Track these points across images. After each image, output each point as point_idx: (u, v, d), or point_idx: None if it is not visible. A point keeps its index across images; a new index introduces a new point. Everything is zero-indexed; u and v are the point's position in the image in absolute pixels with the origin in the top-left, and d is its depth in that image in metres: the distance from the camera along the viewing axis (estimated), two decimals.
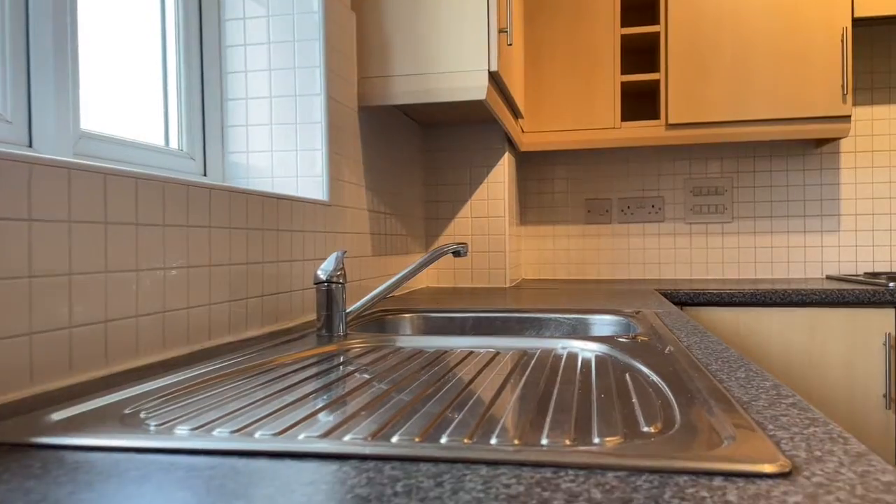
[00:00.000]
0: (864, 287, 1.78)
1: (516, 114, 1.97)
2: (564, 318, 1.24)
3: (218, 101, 1.34)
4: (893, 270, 2.19)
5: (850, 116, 1.97)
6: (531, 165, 2.45)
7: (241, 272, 1.00)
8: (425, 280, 2.08)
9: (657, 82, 2.14)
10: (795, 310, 1.75)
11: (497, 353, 0.86)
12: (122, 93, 1.15)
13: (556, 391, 0.64)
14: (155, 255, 0.82)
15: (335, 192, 1.34)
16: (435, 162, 2.06)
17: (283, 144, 1.32)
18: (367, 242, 1.54)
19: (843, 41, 1.96)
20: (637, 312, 1.22)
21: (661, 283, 2.05)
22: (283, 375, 0.73)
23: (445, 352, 0.87)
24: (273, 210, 1.09)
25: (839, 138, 2.01)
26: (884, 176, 2.19)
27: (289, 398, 0.63)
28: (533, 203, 2.45)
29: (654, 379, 0.68)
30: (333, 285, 0.97)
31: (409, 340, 0.95)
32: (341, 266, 0.98)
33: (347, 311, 1.01)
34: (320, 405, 0.60)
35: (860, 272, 2.21)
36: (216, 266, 0.93)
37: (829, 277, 2.20)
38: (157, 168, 1.16)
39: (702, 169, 2.33)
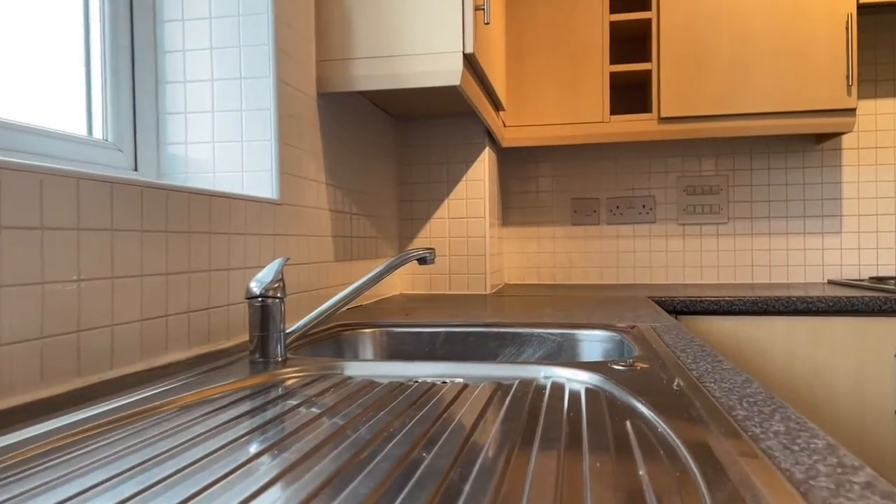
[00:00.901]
0: (872, 294, 1.64)
1: (497, 105, 1.81)
2: (549, 334, 1.08)
3: (152, 84, 1.17)
4: None
5: (854, 110, 1.83)
6: (514, 162, 2.29)
7: (159, 284, 0.83)
8: (399, 286, 1.91)
9: (648, 73, 1.99)
10: (799, 318, 1.61)
11: (465, 387, 0.70)
12: (36, 75, 0.97)
13: (533, 458, 0.48)
14: (34, 263, 0.65)
15: (288, 188, 1.17)
16: (409, 158, 1.90)
17: (227, 134, 1.15)
18: (329, 246, 1.37)
19: (847, 29, 1.82)
20: (632, 327, 1.06)
21: (652, 289, 1.90)
22: (193, 421, 0.57)
23: (401, 385, 0.71)
24: (203, 210, 0.92)
25: (843, 133, 1.87)
26: (889, 174, 2.06)
27: (191, 455, 0.47)
28: (516, 203, 2.29)
29: (664, 430, 0.52)
30: (270, 300, 0.80)
31: (361, 368, 0.79)
32: (280, 277, 0.81)
33: (289, 330, 0.85)
34: (227, 467, 0.44)
35: (864, 276, 2.08)
36: (121, 278, 0.76)
37: (830, 282, 2.06)
38: (76, 162, 0.99)
39: (695, 166, 2.18)
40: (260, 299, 0.80)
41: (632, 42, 2.20)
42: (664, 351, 0.85)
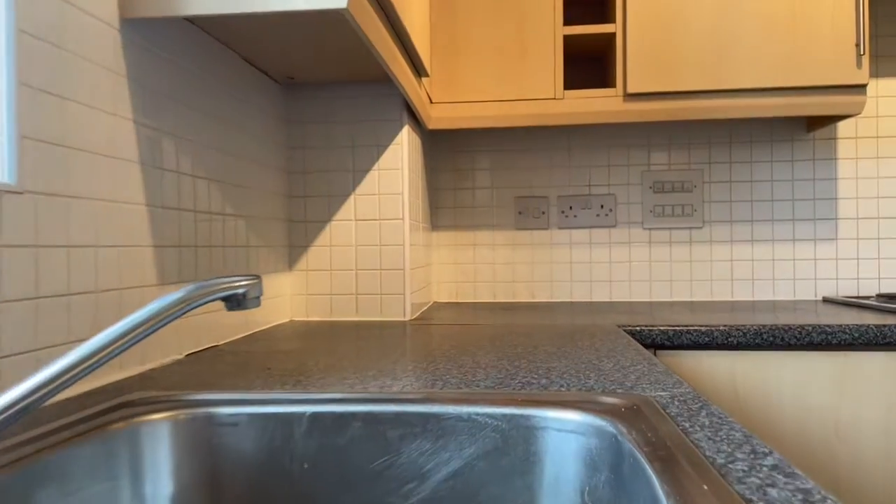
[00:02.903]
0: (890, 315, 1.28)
1: (418, 70, 1.36)
2: (488, 418, 0.63)
3: None
4: None
5: (865, 87, 1.47)
6: (443, 151, 1.85)
7: None
8: (289, 311, 1.43)
9: (612, 38, 1.58)
10: (813, 354, 1.22)
11: None
12: None
13: None
14: None
15: (43, 166, 0.69)
16: (302, 138, 1.43)
17: None
18: (149, 263, 0.89)
19: None
20: (633, 408, 0.62)
21: (615, 309, 1.49)
22: None
23: None
24: None
25: (850, 116, 1.51)
26: (892, 169, 1.72)
27: None
28: (447, 202, 1.85)
29: None
30: None
31: None
32: None
33: None
34: None
35: (863, 292, 1.72)
36: None
37: (826, 300, 1.70)
38: None
39: (664, 158, 1.79)
40: None
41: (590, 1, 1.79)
42: (718, 483, 0.42)
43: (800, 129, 1.74)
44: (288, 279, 1.42)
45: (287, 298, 1.42)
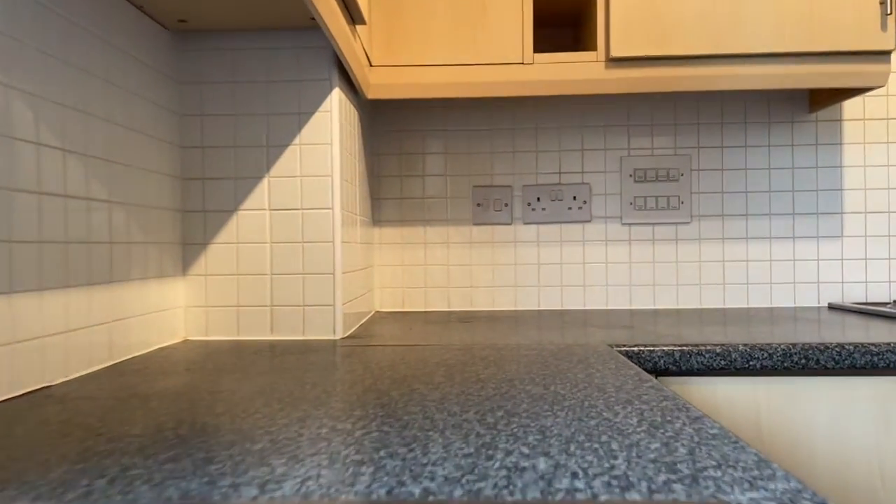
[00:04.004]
0: None
1: (353, 16, 1.05)
2: None
3: None
4: None
5: (889, 53, 1.23)
6: (387, 131, 1.54)
7: None
8: (183, 329, 1.10)
9: None
10: (855, 380, 0.96)
11: None
12: None
13: None
14: None
15: None
16: (199, 103, 1.10)
17: None
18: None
19: None
20: None
21: (593, 321, 1.21)
22: None
23: None
24: None
25: (870, 89, 1.28)
26: None
27: None
28: (391, 191, 1.54)
29: None
30: None
31: None
32: None
33: None
34: None
35: (873, 298, 1.50)
36: None
37: (831, 307, 1.47)
38: None
39: (646, 141, 1.53)
40: None
41: None
42: None
43: (801, 107, 1.50)
44: (181, 286, 1.09)
45: (180, 312, 1.09)
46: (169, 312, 1.05)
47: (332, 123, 1.08)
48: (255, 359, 0.90)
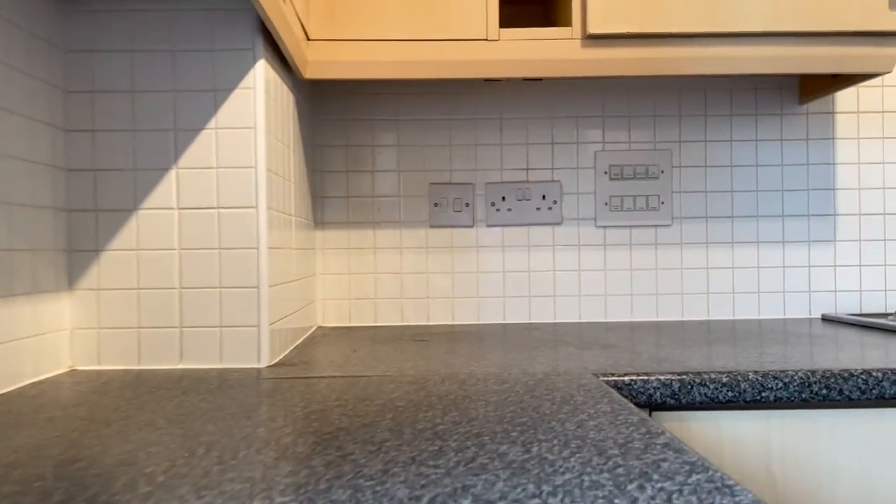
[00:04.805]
0: None
1: None
2: None
3: None
4: None
5: None
6: (332, 119, 1.34)
7: None
8: (69, 356, 0.88)
9: None
10: (881, 412, 0.81)
11: None
12: None
13: None
14: None
15: None
16: (89, 77, 0.88)
17: None
18: None
19: None
20: None
21: (565, 338, 1.04)
22: None
23: None
24: None
25: (874, 75, 1.14)
26: None
27: None
28: (337, 188, 1.35)
29: None
30: None
31: None
32: None
33: None
34: None
35: (868, 309, 1.37)
36: None
37: (825, 319, 1.33)
38: None
39: (623, 135, 1.37)
40: None
41: None
42: None
43: (790, 98, 1.36)
44: (66, 304, 0.87)
45: (65, 335, 0.87)
46: (49, 336, 0.83)
47: (257, 103, 0.88)
48: (149, 399, 0.70)
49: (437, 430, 0.56)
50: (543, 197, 1.37)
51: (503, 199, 1.36)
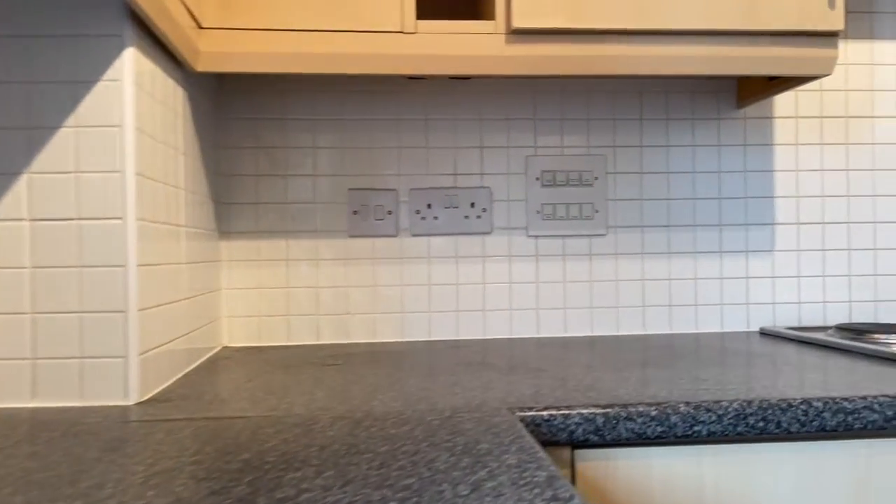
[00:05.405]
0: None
1: None
2: None
3: None
4: (878, 320, 1.33)
5: (837, 35, 1.04)
6: (238, 116, 1.22)
7: None
8: None
9: None
10: (822, 445, 0.74)
11: None
12: None
13: None
14: None
15: None
16: None
17: None
18: None
19: None
20: None
21: (492, 360, 0.95)
22: None
23: None
24: None
25: (813, 78, 1.09)
26: (839, 159, 1.33)
27: None
28: (244, 194, 1.23)
29: None
30: None
31: None
32: None
33: None
34: None
35: (808, 322, 1.32)
36: None
37: (763, 333, 1.28)
38: None
39: (555, 139, 1.29)
40: None
41: None
42: None
43: (728, 102, 1.31)
44: None
45: None
46: None
47: (124, 97, 0.76)
48: None
49: (299, 502, 0.45)
50: (472, 204, 1.27)
51: (429, 206, 1.26)
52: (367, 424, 0.65)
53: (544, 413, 0.70)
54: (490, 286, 1.28)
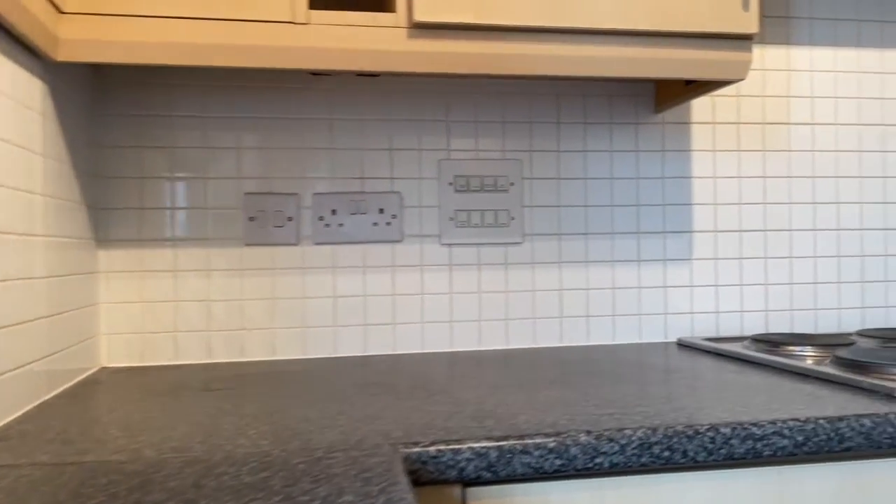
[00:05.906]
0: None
1: None
2: None
3: None
4: (794, 329, 1.31)
5: (751, 39, 1.01)
6: (118, 112, 1.10)
7: None
8: None
9: None
10: (730, 473, 0.70)
11: None
12: None
13: None
14: None
15: None
16: None
17: None
18: None
19: None
20: None
21: (396, 381, 0.87)
22: None
23: None
24: None
25: (726, 83, 1.06)
26: (756, 166, 1.31)
27: None
28: (125, 198, 1.11)
29: None
30: None
31: None
32: None
33: None
34: None
35: (726, 332, 1.30)
36: None
37: (681, 345, 1.24)
38: None
39: (469, 142, 1.22)
40: None
41: None
42: None
43: (646, 106, 1.27)
44: None
45: None
46: None
47: None
48: None
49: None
50: (381, 210, 1.19)
51: (334, 212, 1.18)
52: (221, 471, 0.56)
53: (431, 449, 0.63)
54: (400, 298, 1.20)
